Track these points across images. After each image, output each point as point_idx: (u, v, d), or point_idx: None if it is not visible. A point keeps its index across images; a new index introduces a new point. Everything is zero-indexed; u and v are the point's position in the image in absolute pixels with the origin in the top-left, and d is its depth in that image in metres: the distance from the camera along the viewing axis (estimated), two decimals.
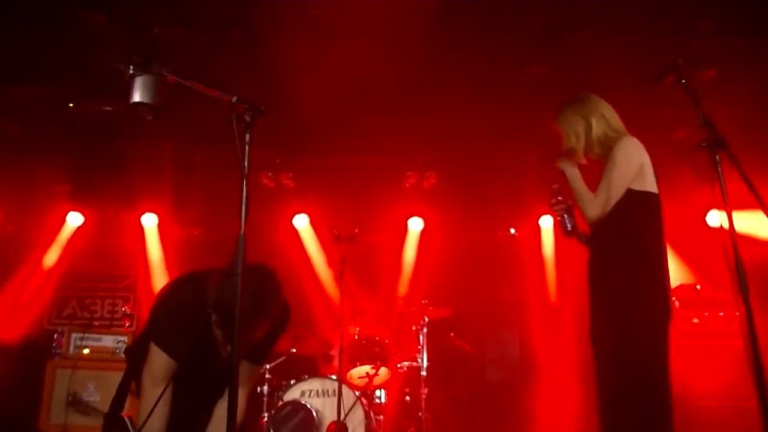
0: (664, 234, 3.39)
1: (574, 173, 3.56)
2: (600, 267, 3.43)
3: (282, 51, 5.70)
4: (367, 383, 5.83)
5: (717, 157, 2.88)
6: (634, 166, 3.37)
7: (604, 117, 3.61)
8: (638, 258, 3.31)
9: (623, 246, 3.34)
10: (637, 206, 3.35)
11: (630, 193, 3.34)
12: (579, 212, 3.56)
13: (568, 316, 7.66)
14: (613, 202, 3.35)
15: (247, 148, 2.62)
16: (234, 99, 2.67)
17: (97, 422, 5.68)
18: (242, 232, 2.55)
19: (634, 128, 6.85)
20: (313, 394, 5.68)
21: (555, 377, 7.38)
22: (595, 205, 3.40)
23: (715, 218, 7.16)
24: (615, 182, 3.35)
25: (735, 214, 2.90)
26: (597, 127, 3.59)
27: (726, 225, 2.88)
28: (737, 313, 2.78)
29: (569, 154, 3.66)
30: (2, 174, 7.44)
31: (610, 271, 3.35)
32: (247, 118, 2.64)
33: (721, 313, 6.07)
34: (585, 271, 3.50)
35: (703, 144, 2.91)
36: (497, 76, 6.18)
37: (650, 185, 3.39)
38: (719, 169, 2.87)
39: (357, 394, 5.62)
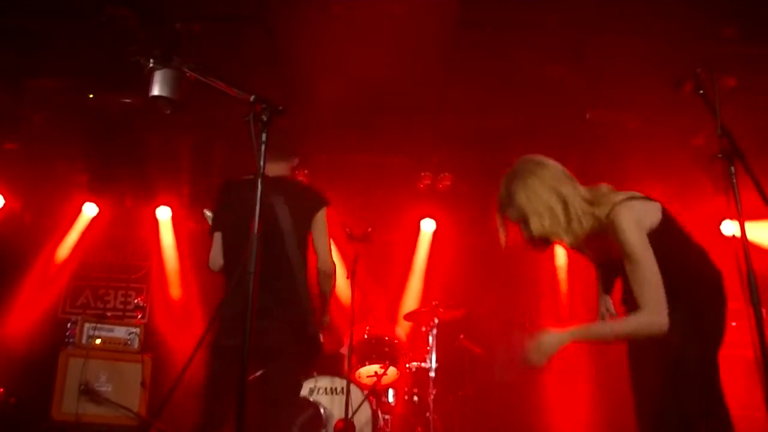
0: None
1: (584, 333, 2.86)
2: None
3: (301, 48, 5.72)
4: (375, 382, 5.85)
5: (732, 168, 2.87)
6: (645, 230, 2.75)
7: (572, 180, 2.92)
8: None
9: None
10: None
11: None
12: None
13: (579, 319, 7.64)
14: (661, 290, 2.66)
15: (263, 147, 2.63)
16: (252, 98, 2.69)
17: (109, 412, 5.74)
18: (255, 230, 2.56)
19: (654, 133, 6.82)
20: (321, 391, 5.70)
21: (564, 381, 7.36)
22: (656, 316, 2.65)
23: (730, 227, 7.12)
24: (647, 266, 2.69)
25: (750, 225, 2.89)
26: (573, 196, 2.85)
27: (739, 235, 2.87)
28: (750, 324, 2.75)
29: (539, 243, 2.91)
30: (21, 163, 7.53)
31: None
32: (264, 118, 2.66)
33: (734, 323, 6.03)
34: (595, 277, 3.39)
35: (719, 155, 2.89)
36: (515, 77, 6.16)
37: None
38: (734, 180, 2.86)
39: (365, 393, 5.64)
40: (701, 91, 3.01)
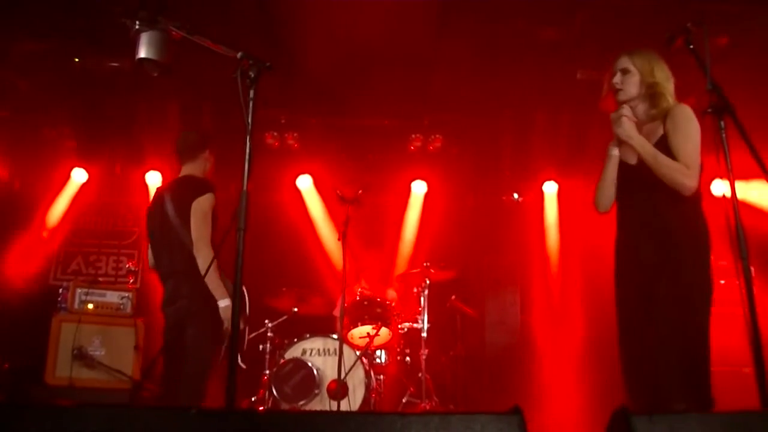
0: None
1: (643, 143, 3.33)
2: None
3: (290, 10, 5.65)
4: (367, 343, 5.90)
5: (722, 123, 2.87)
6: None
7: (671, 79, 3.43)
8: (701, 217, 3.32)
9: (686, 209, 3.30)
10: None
11: None
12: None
13: (570, 280, 7.69)
14: (699, 169, 3.23)
15: (251, 104, 2.62)
16: (239, 55, 2.67)
17: (102, 376, 5.77)
18: (245, 187, 2.56)
19: None
20: (314, 352, 5.75)
21: (556, 341, 7.44)
22: (691, 176, 3.20)
23: (719, 187, 7.14)
24: (697, 148, 3.23)
25: (739, 183, 2.90)
26: (669, 82, 3.39)
27: (728, 192, 2.89)
28: (737, 281, 2.79)
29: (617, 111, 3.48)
30: (8, 130, 7.45)
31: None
32: (252, 74, 2.65)
33: (722, 281, 6.10)
34: (586, 237, 3.46)
35: (709, 109, 2.89)
36: (507, 39, 6.12)
37: None
38: (724, 135, 2.87)
39: (358, 353, 5.68)
40: (691, 46, 3.00)
